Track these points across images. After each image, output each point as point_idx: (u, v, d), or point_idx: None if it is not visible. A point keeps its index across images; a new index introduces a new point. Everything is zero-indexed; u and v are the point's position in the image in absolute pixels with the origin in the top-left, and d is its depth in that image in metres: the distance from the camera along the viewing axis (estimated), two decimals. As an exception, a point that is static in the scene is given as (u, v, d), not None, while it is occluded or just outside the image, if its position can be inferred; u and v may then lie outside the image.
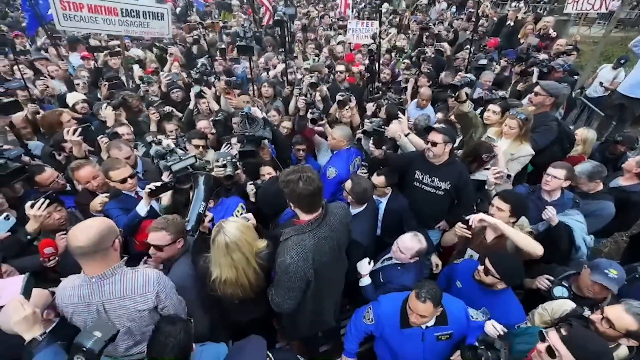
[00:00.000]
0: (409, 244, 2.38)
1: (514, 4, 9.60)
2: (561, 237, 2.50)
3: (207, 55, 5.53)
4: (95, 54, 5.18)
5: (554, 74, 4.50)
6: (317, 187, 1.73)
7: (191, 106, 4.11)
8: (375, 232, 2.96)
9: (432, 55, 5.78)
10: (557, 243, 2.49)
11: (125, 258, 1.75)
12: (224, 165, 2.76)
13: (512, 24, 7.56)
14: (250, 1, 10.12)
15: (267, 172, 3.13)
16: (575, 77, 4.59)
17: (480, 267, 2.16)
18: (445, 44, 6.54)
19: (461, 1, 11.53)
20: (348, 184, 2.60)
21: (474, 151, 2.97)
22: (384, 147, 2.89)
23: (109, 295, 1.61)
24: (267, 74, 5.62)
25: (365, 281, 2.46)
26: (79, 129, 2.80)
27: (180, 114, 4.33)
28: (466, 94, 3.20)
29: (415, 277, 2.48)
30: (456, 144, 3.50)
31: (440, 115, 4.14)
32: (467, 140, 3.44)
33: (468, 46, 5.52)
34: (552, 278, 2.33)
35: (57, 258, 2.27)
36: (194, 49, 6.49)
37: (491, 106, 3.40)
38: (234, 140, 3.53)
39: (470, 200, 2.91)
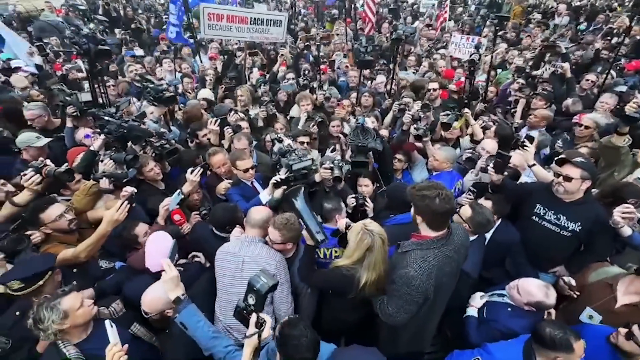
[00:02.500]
0: (533, 290, 2.11)
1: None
2: None
3: (313, 63, 5.90)
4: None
5: None
6: (452, 207, 1.72)
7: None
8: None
9: (557, 72, 5.09)
10: None
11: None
12: (331, 168, 2.90)
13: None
14: (347, 11, 10.42)
15: (365, 183, 3.15)
16: None
17: (623, 331, 1.83)
18: (566, 65, 5.74)
19: (588, 15, 10.05)
20: (467, 211, 2.45)
21: (617, 192, 2.54)
22: (505, 173, 2.67)
23: (250, 253, 2.18)
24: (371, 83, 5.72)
25: (472, 312, 2.31)
26: (219, 121, 3.26)
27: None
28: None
29: (529, 325, 2.15)
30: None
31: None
32: (604, 178, 2.96)
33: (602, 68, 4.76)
34: None
35: (188, 226, 2.71)
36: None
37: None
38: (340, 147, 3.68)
39: (606, 249, 2.51)
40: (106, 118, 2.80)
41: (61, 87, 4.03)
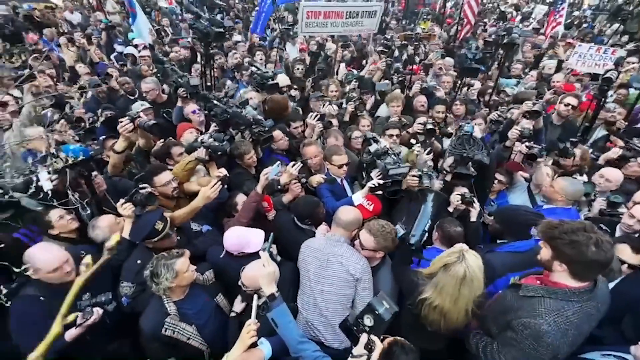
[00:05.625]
0: None
1: None
2: None
3: (406, 63, 5.62)
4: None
5: None
6: (610, 258, 1.39)
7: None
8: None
9: None
10: None
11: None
12: (419, 177, 2.67)
13: None
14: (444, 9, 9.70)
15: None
16: None
17: None
18: None
19: None
20: None
21: None
22: None
23: (335, 252, 2.11)
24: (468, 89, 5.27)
25: None
26: (319, 116, 3.27)
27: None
28: None
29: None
30: None
31: None
32: None
33: None
34: None
35: (274, 213, 2.75)
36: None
37: None
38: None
39: None
40: (214, 102, 2.98)
41: (173, 67, 4.47)
